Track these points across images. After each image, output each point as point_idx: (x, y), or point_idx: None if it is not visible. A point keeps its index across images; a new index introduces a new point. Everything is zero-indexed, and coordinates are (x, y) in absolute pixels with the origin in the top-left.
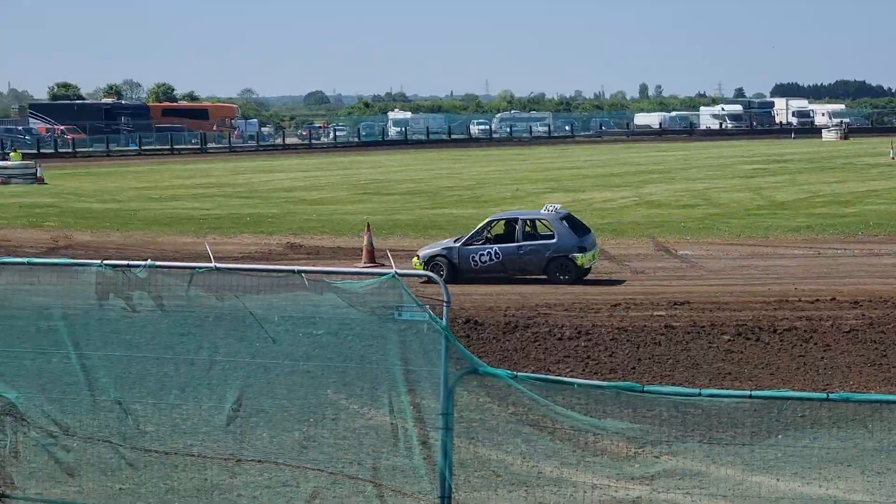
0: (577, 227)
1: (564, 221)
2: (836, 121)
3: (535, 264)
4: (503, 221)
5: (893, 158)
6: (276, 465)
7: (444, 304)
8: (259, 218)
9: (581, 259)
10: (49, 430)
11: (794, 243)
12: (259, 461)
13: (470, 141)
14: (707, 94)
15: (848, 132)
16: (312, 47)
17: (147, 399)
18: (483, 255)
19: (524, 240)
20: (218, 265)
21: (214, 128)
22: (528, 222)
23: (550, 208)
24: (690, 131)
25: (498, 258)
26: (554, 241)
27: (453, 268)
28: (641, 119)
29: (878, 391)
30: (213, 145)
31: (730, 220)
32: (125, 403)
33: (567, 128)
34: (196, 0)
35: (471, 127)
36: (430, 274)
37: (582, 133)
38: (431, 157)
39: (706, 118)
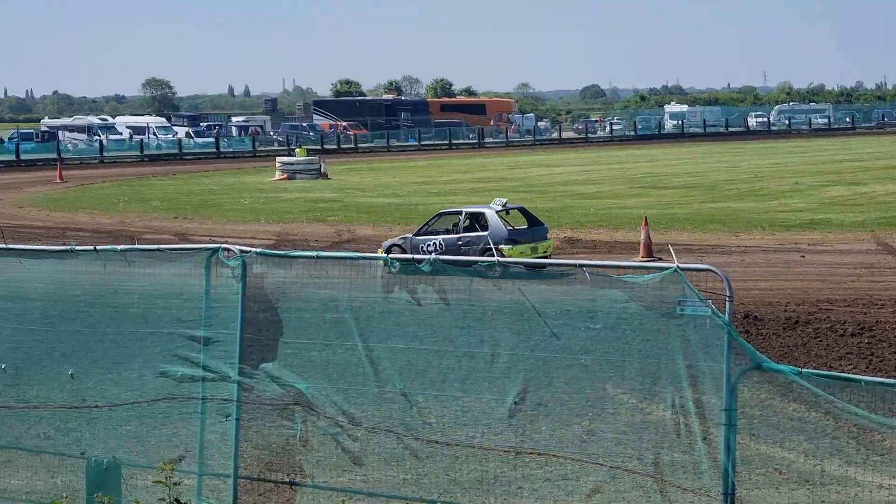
0: (531, 221)
1: (506, 215)
2: None
3: (473, 255)
4: (451, 215)
5: None
6: (556, 459)
7: (727, 299)
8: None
9: (509, 252)
10: (336, 420)
11: None
12: (539, 454)
13: (747, 134)
14: None
15: None
16: (588, 42)
17: (429, 391)
18: (430, 245)
19: (465, 232)
20: (500, 259)
21: (492, 123)
22: (470, 215)
23: (499, 202)
24: None
25: (441, 249)
26: (486, 233)
27: None
28: None
29: None
30: (491, 140)
31: None
32: (409, 395)
33: (848, 119)
34: None
35: (748, 119)
36: (713, 268)
37: (863, 125)
38: (708, 151)
39: None
